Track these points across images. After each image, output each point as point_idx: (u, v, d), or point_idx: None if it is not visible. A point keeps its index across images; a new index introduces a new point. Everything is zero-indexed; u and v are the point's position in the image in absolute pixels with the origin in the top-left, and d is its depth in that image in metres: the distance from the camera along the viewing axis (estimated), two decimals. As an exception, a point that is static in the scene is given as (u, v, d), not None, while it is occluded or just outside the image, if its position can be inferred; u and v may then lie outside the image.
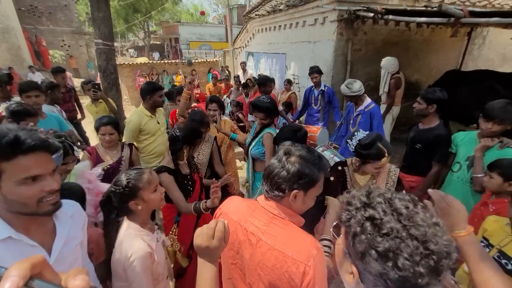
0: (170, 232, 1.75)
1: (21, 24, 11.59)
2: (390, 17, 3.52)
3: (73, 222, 0.98)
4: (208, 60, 12.27)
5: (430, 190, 0.89)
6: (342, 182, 1.72)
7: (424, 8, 3.11)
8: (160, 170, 1.73)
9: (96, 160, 2.14)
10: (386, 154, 1.54)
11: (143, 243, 1.19)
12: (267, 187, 0.96)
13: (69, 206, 1.01)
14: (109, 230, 1.28)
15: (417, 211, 0.55)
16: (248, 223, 0.97)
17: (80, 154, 2.18)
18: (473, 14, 2.73)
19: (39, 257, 0.34)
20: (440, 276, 0.50)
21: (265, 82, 4.09)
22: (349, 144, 1.67)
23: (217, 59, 13.14)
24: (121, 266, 1.15)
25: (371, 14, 3.70)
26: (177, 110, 3.01)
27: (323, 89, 4.05)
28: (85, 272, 0.35)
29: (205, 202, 1.62)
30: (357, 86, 2.84)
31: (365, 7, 3.85)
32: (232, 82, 7.89)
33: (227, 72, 10.46)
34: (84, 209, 1.28)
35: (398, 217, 0.53)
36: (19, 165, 0.74)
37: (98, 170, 1.99)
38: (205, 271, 0.78)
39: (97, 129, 2.15)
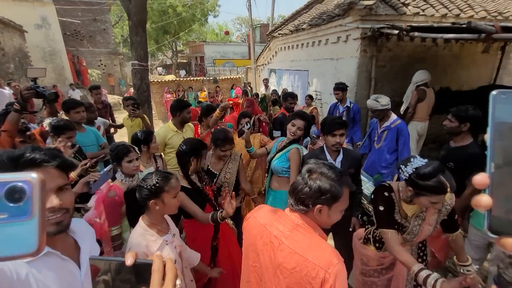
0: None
1: (65, 47, 12.90)
2: (416, 34, 3.49)
3: (90, 235, 1.02)
4: (232, 77, 12.71)
5: None
6: (391, 210, 1.52)
7: (451, 25, 3.06)
8: None
9: None
10: (449, 190, 1.32)
11: (143, 242, 1.28)
12: (292, 201, 1.02)
13: (80, 223, 1.03)
14: (132, 219, 1.40)
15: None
16: (273, 227, 1.02)
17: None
18: (505, 29, 2.64)
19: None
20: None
21: (286, 97, 4.14)
22: (402, 171, 1.43)
23: (240, 76, 13.58)
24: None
25: (396, 32, 3.69)
26: (209, 122, 3.11)
27: (349, 105, 3.98)
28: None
29: (221, 212, 1.65)
30: (386, 100, 2.82)
31: (389, 24, 3.85)
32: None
33: (249, 88, 10.76)
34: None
35: None
36: None
37: None
38: None
39: (150, 140, 2.26)
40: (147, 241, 1.31)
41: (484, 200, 0.32)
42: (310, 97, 5.34)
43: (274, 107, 5.74)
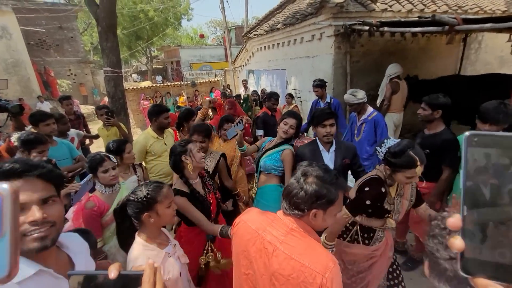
0: (205, 251, 1.75)
1: (30, 57, 12.13)
2: (385, 29, 3.63)
3: (86, 251, 0.97)
4: (210, 80, 12.59)
5: None
6: (379, 204, 1.56)
7: (417, 19, 3.22)
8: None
9: None
10: (419, 163, 1.42)
11: (143, 257, 1.21)
12: (286, 205, 0.99)
13: (73, 236, 0.98)
14: (124, 239, 1.30)
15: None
16: (266, 232, 0.99)
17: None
18: (466, 21, 2.81)
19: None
20: None
21: (269, 97, 4.12)
22: (378, 152, 1.57)
23: (218, 79, 13.48)
24: None
25: (367, 27, 3.82)
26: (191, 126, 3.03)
27: (329, 101, 4.05)
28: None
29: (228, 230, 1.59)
30: (362, 94, 2.91)
31: (360, 21, 3.99)
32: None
33: (228, 90, 10.70)
34: None
35: None
36: None
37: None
38: None
39: (122, 150, 2.14)
40: (149, 257, 1.23)
41: (457, 243, 0.33)
42: (290, 96, 5.40)
43: (256, 107, 5.76)
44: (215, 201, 1.86)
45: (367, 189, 1.57)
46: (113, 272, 0.45)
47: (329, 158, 1.98)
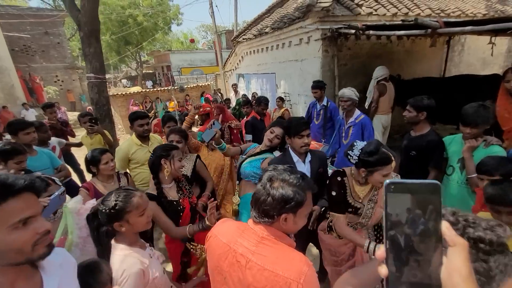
0: (191, 247, 1.71)
1: (14, 64, 11.81)
2: (371, 32, 3.68)
3: (64, 272, 0.90)
4: (200, 85, 12.52)
5: None
6: (342, 193, 1.65)
7: (401, 22, 3.27)
8: None
9: (95, 195, 2.06)
10: (393, 158, 1.48)
11: (135, 260, 1.18)
12: (255, 213, 0.96)
13: (57, 254, 0.92)
14: (100, 246, 1.25)
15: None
16: (238, 244, 0.95)
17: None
18: (448, 24, 2.86)
19: None
20: None
21: (259, 102, 4.10)
22: (350, 156, 1.57)
23: (209, 83, 13.43)
24: (115, 285, 1.11)
25: (353, 31, 3.86)
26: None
27: (326, 104, 3.93)
28: None
29: (202, 223, 1.57)
30: (356, 93, 2.95)
31: (346, 24, 4.03)
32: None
33: (219, 94, 10.66)
34: None
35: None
36: (10, 209, 0.70)
37: (93, 201, 1.93)
38: None
39: (98, 160, 2.06)
40: (138, 259, 1.19)
41: (382, 270, 0.40)
42: (281, 99, 5.40)
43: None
44: (189, 206, 1.81)
45: (328, 182, 1.69)
46: None
47: (306, 169, 1.93)
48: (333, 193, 1.64)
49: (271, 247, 0.91)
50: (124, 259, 1.17)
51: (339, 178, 1.66)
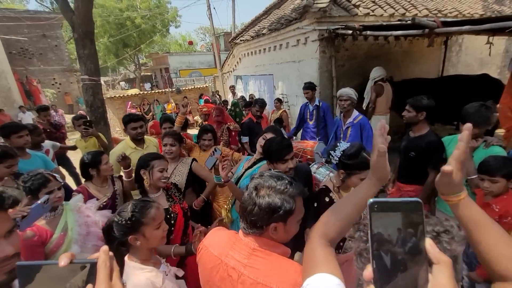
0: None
1: (12, 67, 11.77)
2: (368, 32, 3.66)
3: None
4: (198, 87, 12.50)
5: None
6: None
7: (398, 22, 3.25)
8: None
9: (88, 199, 2.04)
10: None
11: (147, 282, 1.11)
12: (244, 224, 0.91)
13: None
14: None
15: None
16: (229, 257, 0.90)
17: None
18: (445, 24, 2.85)
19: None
20: None
21: (255, 104, 4.06)
22: (332, 156, 1.58)
23: (207, 85, 13.40)
24: None
25: (350, 32, 3.84)
26: None
27: (318, 104, 4.01)
28: None
29: (186, 247, 1.50)
30: (355, 93, 2.94)
31: (343, 25, 4.01)
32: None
33: (217, 96, 10.63)
34: None
35: None
36: None
37: (93, 201, 1.90)
38: None
39: (98, 161, 2.03)
40: (150, 279, 1.13)
41: None
42: (279, 101, 5.38)
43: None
44: (181, 211, 1.76)
45: (315, 204, 1.60)
46: (63, 261, 0.43)
47: None
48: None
49: (264, 259, 0.86)
50: (131, 278, 1.10)
51: (327, 199, 1.57)
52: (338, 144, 1.60)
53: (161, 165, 1.72)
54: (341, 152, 1.55)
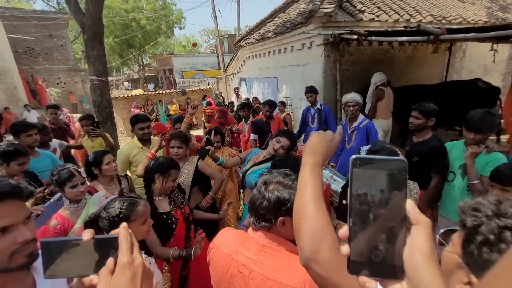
0: (163, 270, 1.64)
1: (17, 65, 11.90)
2: (373, 38, 3.70)
3: None
4: (202, 88, 12.57)
5: None
6: None
7: (403, 28, 3.28)
8: None
9: None
10: (400, 153, 1.54)
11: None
12: (253, 219, 0.95)
13: None
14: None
15: None
16: (239, 254, 0.94)
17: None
18: (450, 31, 2.88)
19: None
20: None
21: (265, 104, 4.11)
22: None
23: (211, 87, 13.47)
24: None
25: (355, 36, 3.88)
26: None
27: (320, 107, 4.07)
28: None
29: (185, 251, 1.53)
30: (361, 96, 2.98)
31: (348, 30, 4.05)
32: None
33: (221, 98, 10.69)
34: None
35: None
36: None
37: (113, 196, 1.96)
38: None
39: (100, 161, 2.07)
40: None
41: (343, 249, 0.39)
42: (282, 104, 5.41)
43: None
44: (182, 216, 1.77)
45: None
46: (86, 235, 0.46)
47: None
48: (344, 202, 1.69)
49: (273, 255, 0.89)
50: None
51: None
52: (360, 148, 1.72)
53: (176, 176, 1.79)
54: (366, 152, 1.65)
